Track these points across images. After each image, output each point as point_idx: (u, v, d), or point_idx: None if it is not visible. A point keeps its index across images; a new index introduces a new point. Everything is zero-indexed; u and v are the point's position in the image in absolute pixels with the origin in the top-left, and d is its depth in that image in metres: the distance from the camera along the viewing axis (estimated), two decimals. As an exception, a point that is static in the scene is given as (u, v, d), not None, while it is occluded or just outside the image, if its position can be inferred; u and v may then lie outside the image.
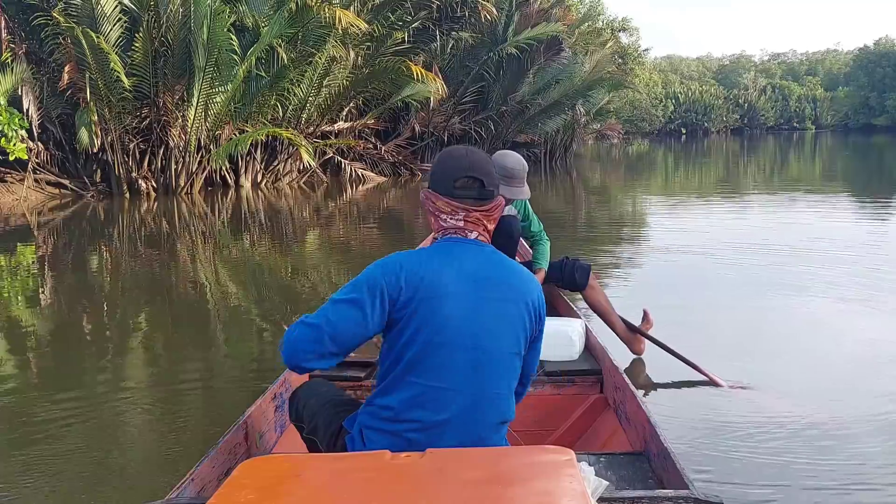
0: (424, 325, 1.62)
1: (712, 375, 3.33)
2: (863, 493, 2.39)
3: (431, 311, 1.61)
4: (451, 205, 1.72)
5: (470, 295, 1.64)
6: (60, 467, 2.75)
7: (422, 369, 1.62)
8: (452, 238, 1.73)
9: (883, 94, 62.33)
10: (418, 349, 1.62)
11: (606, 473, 1.90)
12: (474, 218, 1.73)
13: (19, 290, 6.36)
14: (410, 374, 1.63)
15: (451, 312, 1.62)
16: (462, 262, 1.68)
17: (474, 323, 1.64)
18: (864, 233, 8.24)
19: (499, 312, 1.67)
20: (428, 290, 1.62)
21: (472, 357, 1.64)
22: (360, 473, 1.34)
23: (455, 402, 1.63)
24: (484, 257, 1.72)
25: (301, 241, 9.05)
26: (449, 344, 1.62)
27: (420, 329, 1.62)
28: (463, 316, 1.63)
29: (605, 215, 11.31)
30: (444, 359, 1.62)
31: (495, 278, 1.69)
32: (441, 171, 1.76)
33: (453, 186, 1.72)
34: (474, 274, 1.67)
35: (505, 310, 1.68)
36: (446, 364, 1.62)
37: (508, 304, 1.69)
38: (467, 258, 1.69)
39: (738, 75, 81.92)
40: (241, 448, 2.07)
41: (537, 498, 1.22)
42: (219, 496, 1.26)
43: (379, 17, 15.42)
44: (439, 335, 1.62)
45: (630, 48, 36.69)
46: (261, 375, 3.72)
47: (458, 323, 1.63)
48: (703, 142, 50.94)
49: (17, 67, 12.01)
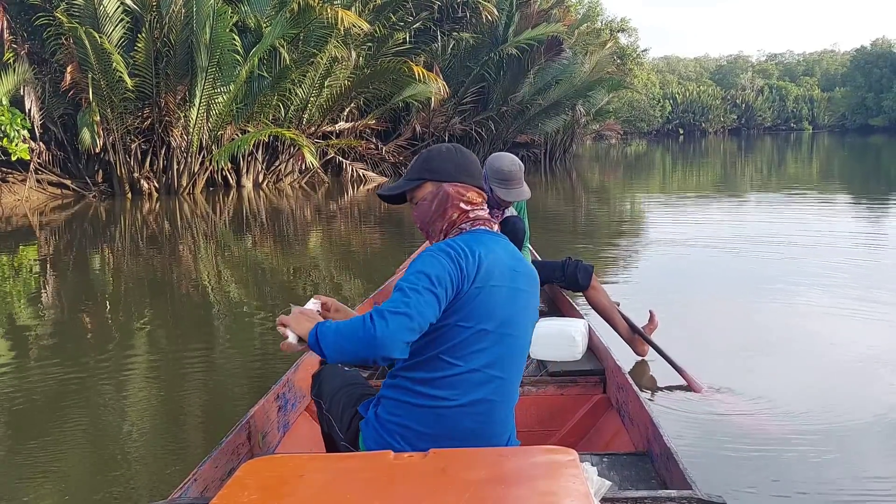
0: (475, 313, 1.64)
1: (693, 381, 3.30)
2: (864, 493, 2.39)
3: (483, 299, 1.65)
4: (482, 195, 1.80)
5: (509, 285, 1.70)
6: (63, 467, 2.76)
7: (462, 353, 1.65)
8: (482, 229, 1.76)
9: (880, 94, 62.40)
10: (468, 335, 1.64)
11: (609, 474, 1.92)
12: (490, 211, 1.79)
13: (21, 290, 6.37)
14: (449, 355, 1.65)
15: (498, 301, 1.67)
16: (497, 253, 1.71)
17: (512, 312, 1.69)
18: (863, 232, 8.29)
19: (525, 303, 1.74)
20: (483, 279, 1.65)
21: (508, 345, 1.70)
22: (363, 473, 1.34)
23: (485, 387, 1.68)
24: (507, 250, 1.76)
25: (303, 241, 9.06)
26: (493, 332, 1.67)
27: (470, 316, 1.64)
28: (505, 305, 1.68)
29: (606, 215, 11.35)
30: (486, 345, 1.66)
31: (521, 270, 1.74)
32: (464, 162, 1.79)
33: (477, 176, 1.80)
34: (508, 265, 1.72)
35: (528, 300, 1.75)
36: (486, 350, 1.66)
37: (530, 296, 1.76)
38: (499, 249, 1.73)
39: (735, 76, 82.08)
40: (243, 448, 2.07)
41: (540, 498, 1.22)
42: (221, 496, 1.26)
43: (380, 17, 15.47)
44: (486, 323, 1.65)
45: (629, 49, 36.75)
46: (264, 375, 3.72)
47: (501, 312, 1.67)
48: (700, 142, 50.96)
49: (19, 68, 12.04)
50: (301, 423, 2.54)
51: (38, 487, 2.61)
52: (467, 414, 1.67)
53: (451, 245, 1.66)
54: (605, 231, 9.34)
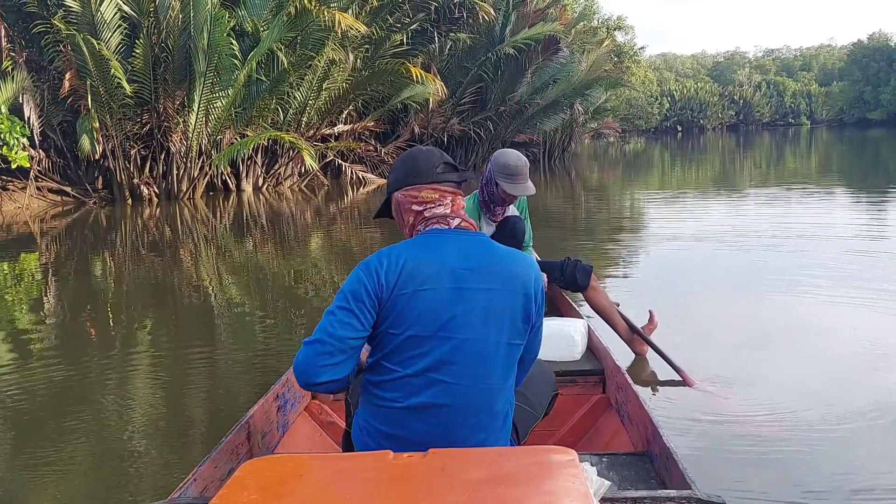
0: (401, 319, 1.64)
1: (686, 375, 3.31)
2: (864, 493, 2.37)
3: (408, 305, 1.63)
4: (439, 190, 1.74)
5: (450, 288, 1.64)
6: (64, 468, 2.78)
7: (399, 359, 1.65)
8: (434, 230, 1.72)
9: (877, 88, 62.47)
10: (399, 341, 1.64)
11: (609, 473, 1.91)
12: (459, 204, 1.75)
13: (23, 297, 6.38)
14: (387, 360, 1.67)
15: (427, 306, 1.63)
16: (444, 254, 1.67)
17: (455, 314, 1.63)
18: (863, 226, 8.30)
19: (486, 303, 1.65)
20: (405, 286, 1.63)
21: (453, 348, 1.63)
22: (363, 473, 1.34)
23: (428, 391, 1.64)
24: (470, 247, 1.70)
25: (303, 244, 9.08)
26: (426, 337, 1.63)
27: (397, 322, 1.64)
28: (440, 309, 1.63)
29: (605, 213, 11.35)
30: (425, 350, 1.64)
31: (482, 268, 1.67)
32: (413, 165, 1.77)
33: (435, 171, 1.74)
34: (457, 266, 1.66)
35: (492, 300, 1.66)
36: (426, 355, 1.64)
37: (498, 294, 1.66)
38: (450, 250, 1.68)
39: (732, 72, 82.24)
40: (243, 448, 2.07)
41: (540, 498, 1.22)
42: (221, 496, 1.26)
43: (377, 19, 15.48)
44: (416, 328, 1.63)
45: (626, 46, 36.81)
46: (264, 376, 3.74)
47: (435, 316, 1.63)
48: (698, 139, 51.01)
49: (17, 75, 12.04)
50: (300, 423, 2.54)
51: (39, 487, 2.63)
52: (414, 416, 1.66)
53: (377, 255, 1.69)
54: (605, 229, 9.35)
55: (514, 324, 1.68)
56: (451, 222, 1.73)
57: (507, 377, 1.70)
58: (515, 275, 1.69)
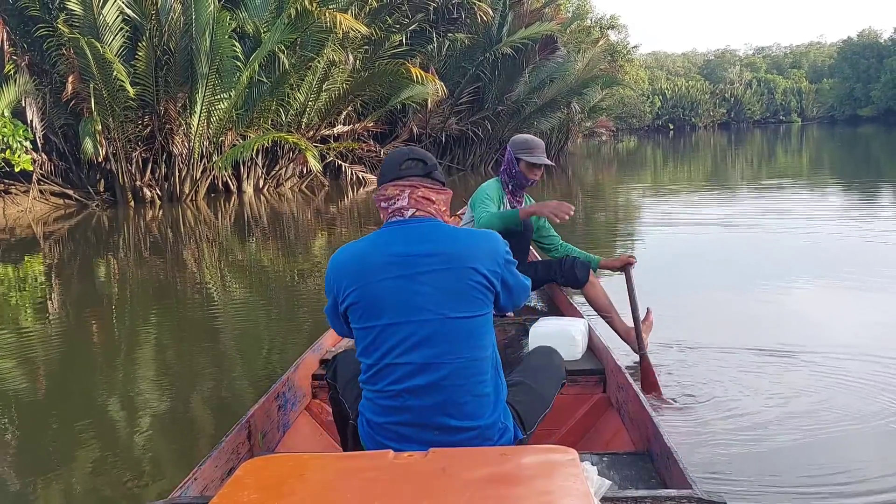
0: (360, 314, 1.79)
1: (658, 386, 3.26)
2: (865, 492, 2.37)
3: (362, 297, 1.78)
4: (399, 185, 1.85)
5: (399, 274, 1.75)
6: (65, 467, 2.81)
7: (372, 349, 1.79)
8: (390, 223, 1.85)
9: (868, 84, 62.86)
10: (363, 334, 1.80)
11: (609, 473, 1.92)
12: (419, 195, 1.83)
13: (27, 299, 6.41)
14: (364, 352, 1.81)
15: (379, 295, 1.76)
16: (392, 244, 1.79)
17: (407, 298, 1.74)
18: (855, 222, 8.43)
19: (436, 283, 1.75)
20: (356, 280, 1.79)
21: (412, 331, 1.74)
22: (363, 473, 1.35)
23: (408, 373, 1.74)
24: (419, 233, 1.80)
25: (304, 244, 9.13)
26: (388, 325, 1.75)
27: (359, 318, 1.80)
28: (393, 295, 1.75)
29: (603, 213, 11.41)
30: (382, 339, 1.76)
31: (429, 251, 1.77)
32: (387, 164, 1.91)
33: (399, 168, 1.86)
34: (404, 252, 1.77)
35: (442, 279, 1.75)
36: (383, 343, 1.76)
37: (446, 273, 1.75)
38: (398, 239, 1.80)
39: (723, 70, 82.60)
40: (243, 447, 2.07)
41: (540, 498, 1.22)
42: (222, 496, 1.26)
43: (377, 20, 15.54)
44: (374, 319, 1.77)
45: (619, 45, 36.98)
46: (264, 375, 3.76)
47: (390, 303, 1.75)
48: (690, 137, 51.14)
49: (20, 79, 12.03)
50: (301, 422, 2.56)
51: (40, 486, 2.66)
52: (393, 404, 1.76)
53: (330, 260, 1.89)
54: (604, 227, 9.45)
55: (466, 298, 1.76)
56: (406, 213, 1.83)
57: (480, 347, 1.78)
58: (457, 253, 1.77)
